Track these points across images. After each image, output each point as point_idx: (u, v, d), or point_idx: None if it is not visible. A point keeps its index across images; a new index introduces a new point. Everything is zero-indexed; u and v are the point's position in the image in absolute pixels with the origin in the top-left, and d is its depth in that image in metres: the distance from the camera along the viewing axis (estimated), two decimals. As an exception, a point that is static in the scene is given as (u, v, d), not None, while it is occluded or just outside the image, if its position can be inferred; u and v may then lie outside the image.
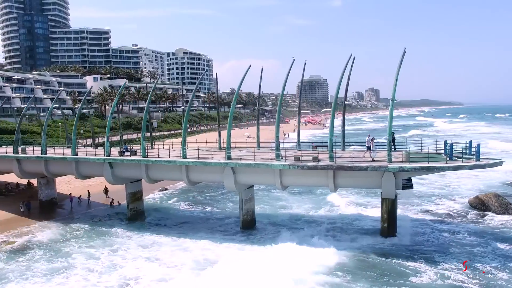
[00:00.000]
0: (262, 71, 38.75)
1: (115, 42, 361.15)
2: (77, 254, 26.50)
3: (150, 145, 40.29)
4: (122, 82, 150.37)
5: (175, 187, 47.65)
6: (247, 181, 29.19)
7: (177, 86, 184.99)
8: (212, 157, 29.57)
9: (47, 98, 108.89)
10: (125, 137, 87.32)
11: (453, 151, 25.55)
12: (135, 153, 34.36)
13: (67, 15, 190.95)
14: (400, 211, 34.03)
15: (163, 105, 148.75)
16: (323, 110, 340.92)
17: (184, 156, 30.33)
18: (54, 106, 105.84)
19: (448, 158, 25.28)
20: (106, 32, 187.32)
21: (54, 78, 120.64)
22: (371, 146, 27.70)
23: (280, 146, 28.64)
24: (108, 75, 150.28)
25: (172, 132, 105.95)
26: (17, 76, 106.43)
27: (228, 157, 28.78)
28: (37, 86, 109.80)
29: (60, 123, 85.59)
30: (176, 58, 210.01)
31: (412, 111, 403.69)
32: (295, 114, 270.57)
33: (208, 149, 34.23)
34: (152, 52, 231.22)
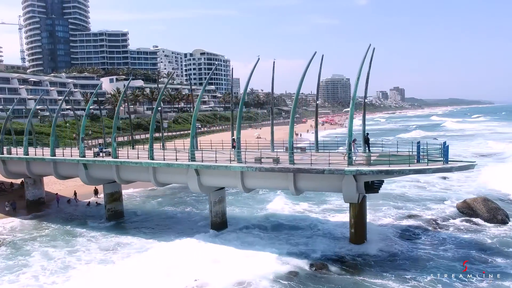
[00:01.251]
0: (274, 65, 34.51)
1: (142, 44, 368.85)
2: (37, 252, 26.67)
3: (161, 146, 39.97)
4: (138, 83, 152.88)
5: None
6: (211, 183, 28.46)
7: (193, 87, 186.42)
8: (176, 159, 29.01)
9: (60, 99, 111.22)
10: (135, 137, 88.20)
11: (426, 153, 24.07)
12: (109, 154, 34.22)
13: (87, 18, 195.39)
14: (380, 215, 32.73)
15: (177, 106, 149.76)
16: (344, 109, 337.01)
17: (151, 157, 29.92)
18: (68, 107, 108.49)
19: (416, 161, 23.85)
20: (125, 34, 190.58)
21: (69, 80, 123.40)
22: (352, 148, 26.34)
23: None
24: (124, 76, 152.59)
25: (182, 132, 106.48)
26: (33, 78, 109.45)
27: (192, 158, 28.15)
28: (52, 88, 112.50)
29: (67, 124, 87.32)
30: (193, 59, 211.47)
31: (435, 111, 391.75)
32: (314, 114, 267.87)
33: (212, 150, 32.88)
34: (172, 53, 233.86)
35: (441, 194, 39.48)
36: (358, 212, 25.36)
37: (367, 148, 29.17)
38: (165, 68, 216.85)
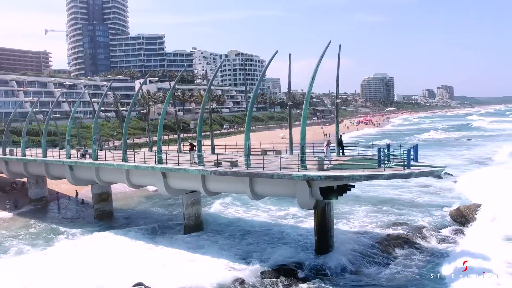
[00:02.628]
0: (290, 57, 30.97)
1: (188, 46, 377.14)
2: (15, 247, 27.83)
3: (148, 148, 40.48)
4: (170, 85, 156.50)
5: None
6: (178, 185, 28.08)
7: (226, 88, 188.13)
8: (145, 161, 28.88)
9: (94, 102, 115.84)
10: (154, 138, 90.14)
11: (386, 158, 22.36)
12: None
13: (126, 22, 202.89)
14: (361, 222, 30.92)
15: (207, 107, 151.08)
16: (386, 109, 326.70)
17: (124, 160, 30.04)
18: (101, 108, 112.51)
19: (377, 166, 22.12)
20: (161, 37, 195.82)
21: (103, 83, 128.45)
22: (325, 152, 24.97)
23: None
24: (157, 79, 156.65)
25: (206, 133, 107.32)
26: (68, 81, 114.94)
27: (159, 161, 27.92)
28: (86, 91, 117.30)
29: (88, 125, 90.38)
30: (228, 60, 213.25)
31: (483, 109, 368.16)
32: (354, 114, 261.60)
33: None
34: (210, 54, 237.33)
35: (440, 199, 36.76)
36: (321, 218, 23.99)
37: (341, 151, 27.81)
38: (203, 69, 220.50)
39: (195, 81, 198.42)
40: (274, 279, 21.46)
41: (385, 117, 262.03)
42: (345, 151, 28.28)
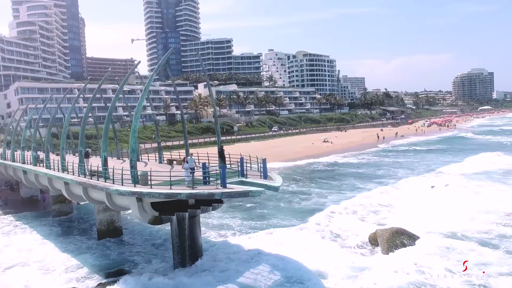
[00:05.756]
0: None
1: (281, 48, 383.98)
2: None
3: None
4: (231, 87, 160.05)
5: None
6: (75, 192, 28.53)
7: (290, 89, 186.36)
8: (58, 169, 29.81)
9: (149, 106, 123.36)
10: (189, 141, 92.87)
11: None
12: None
13: (197, 28, 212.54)
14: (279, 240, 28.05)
15: (265, 109, 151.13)
16: (480, 108, 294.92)
17: (47, 166, 31.55)
18: (154, 112, 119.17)
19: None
20: (229, 41, 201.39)
21: (162, 88, 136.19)
22: (182, 165, 23.52)
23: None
24: (217, 82, 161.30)
25: (248, 136, 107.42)
26: (126, 87, 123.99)
27: (63, 169, 28.66)
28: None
29: (127, 129, 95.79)
30: (296, 61, 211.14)
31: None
32: (437, 114, 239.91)
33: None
34: (285, 55, 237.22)
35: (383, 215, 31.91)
36: (177, 231, 22.51)
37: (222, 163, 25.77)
38: (277, 71, 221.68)
39: (262, 83, 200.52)
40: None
41: (474, 116, 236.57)
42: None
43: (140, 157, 34.53)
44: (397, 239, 24.07)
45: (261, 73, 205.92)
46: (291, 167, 65.36)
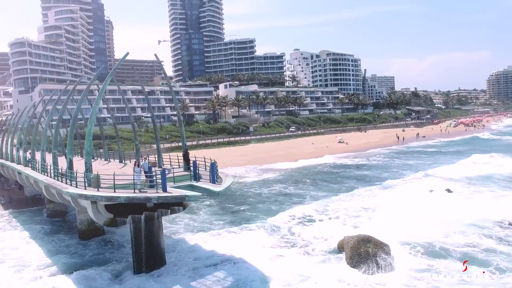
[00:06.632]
0: None
1: (308, 48, 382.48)
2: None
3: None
4: (252, 87, 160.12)
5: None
6: (52, 192, 29.17)
7: (312, 89, 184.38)
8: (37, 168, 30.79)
9: (167, 106, 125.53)
10: (202, 141, 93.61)
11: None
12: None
13: (221, 29, 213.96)
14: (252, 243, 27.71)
15: (284, 109, 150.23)
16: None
17: (33, 168, 32.58)
18: (173, 113, 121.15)
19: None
20: (252, 41, 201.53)
21: (182, 88, 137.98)
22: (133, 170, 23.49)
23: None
24: (237, 82, 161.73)
25: (263, 136, 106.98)
26: (146, 88, 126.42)
27: (42, 169, 29.51)
28: (162, 96, 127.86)
29: (140, 130, 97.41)
30: (319, 60, 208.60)
31: None
32: (467, 113, 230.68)
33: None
34: (310, 54, 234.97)
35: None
36: (137, 234, 22.60)
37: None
38: (302, 71, 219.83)
39: (285, 83, 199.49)
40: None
41: (507, 116, 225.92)
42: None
43: (123, 159, 34.97)
44: (362, 247, 23.12)
45: (285, 73, 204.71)
46: (298, 168, 64.59)
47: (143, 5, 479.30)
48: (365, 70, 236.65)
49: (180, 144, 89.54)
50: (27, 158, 36.39)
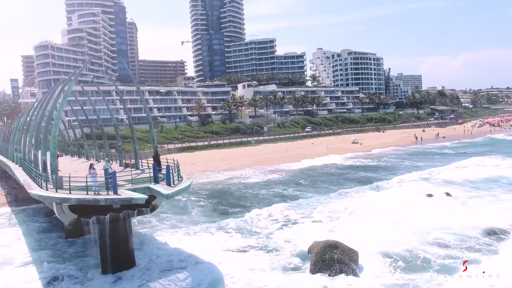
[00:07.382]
0: None
1: (335, 47, 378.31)
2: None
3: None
4: (270, 87, 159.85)
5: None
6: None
7: (331, 88, 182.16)
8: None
9: (184, 107, 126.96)
10: (214, 142, 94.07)
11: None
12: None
13: (241, 29, 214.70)
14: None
15: (303, 109, 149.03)
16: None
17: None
18: (189, 113, 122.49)
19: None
20: (272, 41, 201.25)
21: (199, 89, 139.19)
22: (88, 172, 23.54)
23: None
24: (256, 82, 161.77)
25: (277, 136, 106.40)
26: (162, 89, 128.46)
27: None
28: (179, 97, 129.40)
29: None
30: (340, 59, 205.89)
31: None
32: (496, 112, 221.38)
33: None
34: (331, 54, 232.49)
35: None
36: (100, 235, 22.90)
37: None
38: (324, 70, 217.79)
39: (306, 83, 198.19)
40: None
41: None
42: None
43: (110, 161, 35.50)
44: (327, 253, 22.51)
45: (305, 73, 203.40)
46: (304, 169, 63.93)
47: (166, 6, 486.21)
48: (389, 69, 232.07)
49: (192, 144, 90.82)
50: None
